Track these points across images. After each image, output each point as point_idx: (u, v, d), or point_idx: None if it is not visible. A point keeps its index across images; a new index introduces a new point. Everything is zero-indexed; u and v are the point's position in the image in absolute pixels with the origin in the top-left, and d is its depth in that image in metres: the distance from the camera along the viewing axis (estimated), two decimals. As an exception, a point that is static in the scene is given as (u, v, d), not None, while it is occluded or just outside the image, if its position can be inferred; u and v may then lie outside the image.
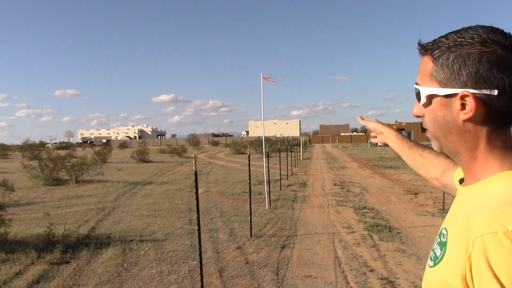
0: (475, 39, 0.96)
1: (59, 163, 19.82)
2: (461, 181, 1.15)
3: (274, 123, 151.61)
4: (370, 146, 64.94)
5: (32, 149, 42.69)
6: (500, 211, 0.86)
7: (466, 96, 0.96)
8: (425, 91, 1.04)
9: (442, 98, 1.01)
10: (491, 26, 0.98)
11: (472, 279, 0.84)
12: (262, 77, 11.60)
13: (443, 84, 1.00)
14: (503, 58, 0.94)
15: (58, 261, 7.13)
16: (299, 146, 36.36)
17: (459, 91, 0.97)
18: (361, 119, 1.80)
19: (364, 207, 11.42)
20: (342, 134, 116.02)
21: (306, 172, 22.85)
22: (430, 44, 1.04)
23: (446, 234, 0.97)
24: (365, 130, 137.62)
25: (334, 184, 16.87)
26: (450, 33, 1.02)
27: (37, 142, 65.21)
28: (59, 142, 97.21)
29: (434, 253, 0.99)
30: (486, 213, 0.87)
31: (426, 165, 1.57)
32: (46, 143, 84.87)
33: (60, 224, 9.32)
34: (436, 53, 1.01)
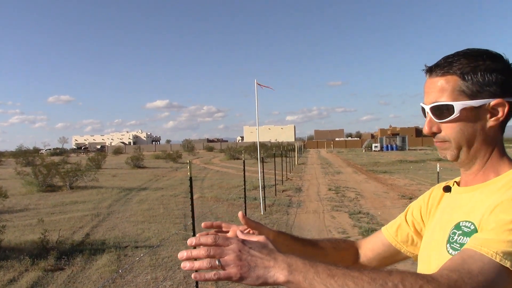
0: (492, 56, 1.13)
1: (53, 170, 19.71)
2: (445, 188, 1.31)
3: (269, 129, 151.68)
4: (365, 151, 65.11)
5: (25, 156, 42.46)
6: None
7: (500, 104, 1.11)
8: (460, 105, 1.13)
9: (474, 109, 1.13)
10: (484, 49, 1.16)
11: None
12: (256, 83, 11.63)
13: (473, 97, 1.13)
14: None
15: (52, 267, 7.09)
16: (294, 151, 36.39)
17: (492, 100, 1.11)
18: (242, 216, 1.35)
19: (359, 212, 11.43)
20: (337, 139, 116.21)
21: (301, 177, 22.87)
22: (450, 64, 1.16)
23: (472, 224, 1.09)
24: (359, 135, 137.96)
25: (329, 189, 16.89)
26: (460, 53, 1.16)
27: (31, 148, 64.84)
28: (53, 148, 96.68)
29: (459, 243, 1.09)
30: None
31: (349, 250, 1.51)
32: (40, 149, 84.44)
33: (55, 231, 9.28)
34: (463, 70, 1.14)
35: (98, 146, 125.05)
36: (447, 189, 1.30)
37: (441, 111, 1.16)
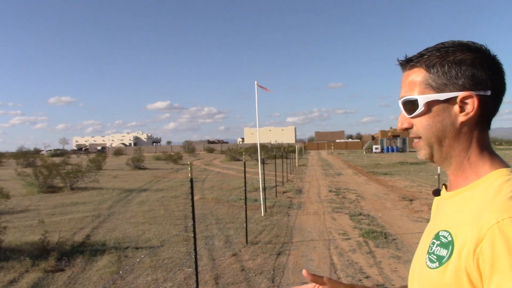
0: (464, 48, 1.07)
1: (54, 171, 19.73)
2: (435, 192, 1.24)
3: (270, 130, 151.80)
4: (365, 152, 65.09)
5: (26, 157, 42.61)
6: (505, 203, 0.93)
7: (469, 97, 1.05)
8: (424, 98, 1.09)
9: (441, 103, 1.08)
10: (466, 40, 1.10)
11: (479, 269, 0.90)
12: (257, 84, 11.64)
13: (440, 90, 1.07)
14: (490, 62, 1.06)
15: (52, 268, 7.09)
16: (295, 153, 36.40)
17: (460, 93, 1.05)
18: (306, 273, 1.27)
19: (360, 214, 11.43)
20: (337, 140, 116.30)
21: (302, 179, 22.86)
22: (418, 57, 1.12)
23: (449, 235, 1.00)
24: (360, 137, 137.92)
25: (330, 191, 16.88)
26: (432, 46, 1.11)
27: (32, 149, 65.07)
28: (54, 149, 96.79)
29: (437, 255, 1.01)
30: (497, 205, 0.94)
31: None
32: (41, 150, 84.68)
33: (55, 232, 9.29)
34: (429, 63, 1.09)
35: (99, 147, 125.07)
36: (437, 192, 1.24)
37: (410, 106, 1.11)
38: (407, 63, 1.14)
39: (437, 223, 1.10)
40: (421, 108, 1.09)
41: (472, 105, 1.04)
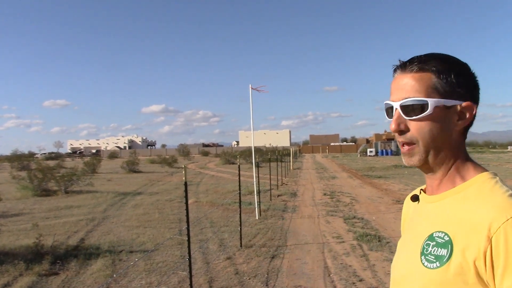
0: (459, 61, 1.16)
1: (48, 174, 19.66)
2: (413, 198, 1.29)
3: (264, 133, 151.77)
4: (360, 156, 65.22)
5: (21, 160, 42.36)
6: (506, 203, 1.01)
7: (469, 107, 1.12)
8: (435, 102, 1.12)
9: (445, 110, 1.13)
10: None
11: (492, 263, 0.96)
12: (251, 87, 11.67)
13: (445, 96, 1.12)
14: (475, 77, 1.17)
15: (47, 272, 7.08)
16: (289, 156, 36.43)
17: (463, 102, 1.13)
18: None
19: (354, 217, 11.46)
20: (332, 144, 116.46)
21: (296, 182, 22.89)
22: (423, 62, 1.14)
23: (446, 235, 1.06)
24: (355, 140, 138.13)
25: (324, 194, 16.91)
26: (434, 54, 1.16)
27: (26, 152, 64.77)
28: (48, 153, 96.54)
29: (435, 255, 1.06)
30: (501, 205, 1.01)
31: None
32: (35, 154, 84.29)
33: (49, 235, 9.27)
34: (439, 68, 1.13)
35: (93, 151, 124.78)
36: (415, 198, 1.29)
37: (413, 108, 1.12)
38: (413, 66, 1.15)
39: (427, 225, 1.14)
40: (429, 111, 1.11)
41: (470, 114, 1.13)
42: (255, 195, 12.02)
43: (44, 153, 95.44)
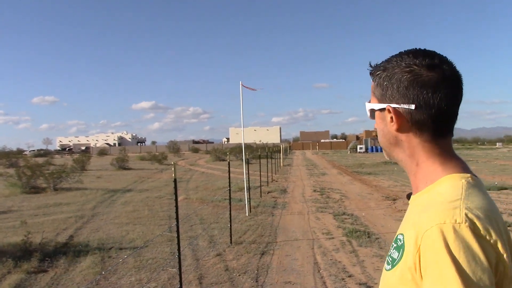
0: (401, 61, 1.11)
1: (37, 171, 19.54)
2: (408, 196, 1.27)
3: (255, 130, 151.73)
4: (350, 152, 65.48)
5: (9, 157, 41.95)
6: (447, 207, 0.97)
7: (389, 110, 1.12)
8: (367, 106, 1.22)
9: (380, 112, 1.18)
10: (416, 49, 1.13)
11: (420, 270, 0.94)
12: (241, 85, 11.67)
13: (379, 100, 1.17)
14: (419, 77, 1.08)
15: (35, 270, 7.04)
16: (280, 152, 36.47)
17: (385, 105, 1.13)
18: None
19: (344, 213, 11.51)
20: (322, 140, 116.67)
21: (287, 179, 22.94)
22: (374, 66, 1.19)
23: (403, 238, 1.04)
24: (345, 137, 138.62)
25: (314, 191, 16.97)
26: (391, 56, 1.16)
27: (15, 149, 64.17)
28: (37, 150, 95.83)
29: (391, 257, 1.06)
30: (434, 210, 0.98)
31: None
32: (24, 151, 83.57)
33: (38, 233, 9.21)
34: (375, 73, 1.17)
35: (83, 147, 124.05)
36: (409, 197, 1.25)
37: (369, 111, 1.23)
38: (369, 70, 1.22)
39: (401, 226, 1.14)
40: (367, 113, 1.21)
41: (395, 116, 1.11)
42: (245, 192, 12.03)
43: (33, 150, 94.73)
